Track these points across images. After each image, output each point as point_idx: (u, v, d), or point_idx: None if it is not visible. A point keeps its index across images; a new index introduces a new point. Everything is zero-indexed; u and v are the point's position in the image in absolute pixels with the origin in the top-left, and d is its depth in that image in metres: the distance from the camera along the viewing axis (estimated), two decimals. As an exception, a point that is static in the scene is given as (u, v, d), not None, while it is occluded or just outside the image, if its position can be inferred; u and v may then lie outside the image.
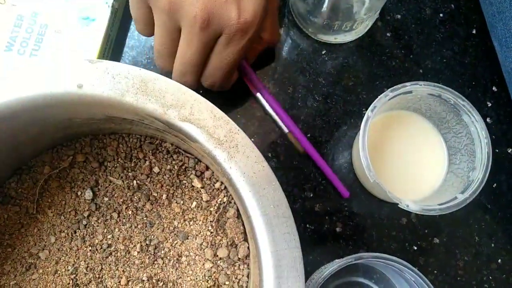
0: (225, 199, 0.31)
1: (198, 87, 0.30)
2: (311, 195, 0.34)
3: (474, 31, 0.39)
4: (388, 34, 0.38)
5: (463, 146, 0.32)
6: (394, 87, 0.30)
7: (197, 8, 0.25)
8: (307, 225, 0.34)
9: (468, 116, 0.31)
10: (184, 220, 0.30)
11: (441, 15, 0.39)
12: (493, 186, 0.36)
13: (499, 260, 0.34)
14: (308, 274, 0.31)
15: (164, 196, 0.30)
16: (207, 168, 0.31)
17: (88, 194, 0.29)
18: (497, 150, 0.36)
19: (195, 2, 0.25)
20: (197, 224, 0.30)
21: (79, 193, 0.29)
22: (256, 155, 0.22)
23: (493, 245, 0.34)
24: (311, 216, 0.34)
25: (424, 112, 0.34)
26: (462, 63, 0.38)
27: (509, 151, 0.36)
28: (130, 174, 0.30)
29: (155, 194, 0.30)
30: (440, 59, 0.38)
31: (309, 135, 0.36)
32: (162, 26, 0.27)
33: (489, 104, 0.37)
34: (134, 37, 0.36)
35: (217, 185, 0.31)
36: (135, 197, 0.30)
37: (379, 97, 0.30)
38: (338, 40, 0.37)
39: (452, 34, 0.39)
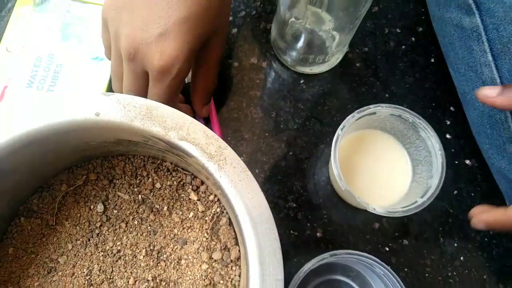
0: (218, 210, 0.35)
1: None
2: (294, 205, 0.39)
3: (432, 60, 0.45)
4: (358, 64, 0.44)
5: (423, 158, 0.37)
6: (360, 109, 0.36)
7: (125, 43, 0.31)
8: (291, 231, 0.38)
9: (424, 132, 0.36)
10: (183, 228, 0.35)
11: (403, 47, 0.45)
12: (454, 193, 0.40)
13: (462, 258, 0.38)
14: (292, 275, 0.35)
15: (165, 208, 0.35)
16: (202, 183, 0.36)
17: (100, 208, 0.34)
18: (456, 162, 0.42)
19: (127, 37, 0.31)
20: (194, 232, 0.35)
21: (91, 206, 0.34)
22: (241, 166, 0.27)
23: (455, 244, 0.39)
24: (294, 224, 0.39)
25: (389, 130, 0.39)
26: (423, 88, 0.44)
27: (467, 162, 0.42)
28: (135, 189, 0.35)
29: (157, 206, 0.35)
30: (403, 84, 0.44)
31: (291, 153, 0.41)
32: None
33: (448, 122, 0.43)
34: (138, 73, 0.42)
35: (211, 197, 0.36)
36: (140, 209, 0.35)
37: (347, 118, 0.35)
38: (314, 71, 0.43)
39: (414, 63, 0.44)
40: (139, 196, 0.35)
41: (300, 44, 0.40)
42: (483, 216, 0.33)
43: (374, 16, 0.45)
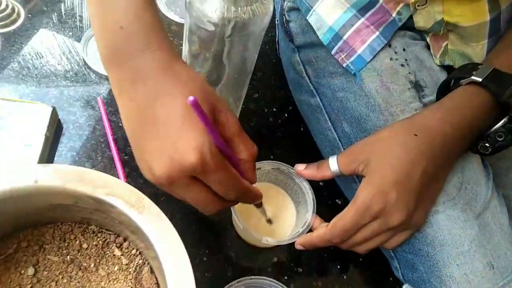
0: (140, 261, 0.42)
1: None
2: (207, 251, 0.47)
3: (302, 129, 0.59)
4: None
5: (301, 198, 0.49)
6: (248, 166, 0.47)
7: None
8: (206, 274, 0.45)
9: (297, 178, 0.48)
10: (109, 281, 0.40)
11: (279, 121, 0.59)
12: (330, 226, 0.52)
13: (344, 276, 0.49)
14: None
15: (92, 265, 0.40)
16: (125, 240, 0.42)
17: (30, 271, 0.38)
18: (329, 202, 0.54)
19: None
20: (119, 283, 0.40)
21: (22, 271, 0.38)
22: (157, 212, 0.35)
23: (338, 266, 0.49)
24: (207, 267, 0.46)
25: (274, 181, 0.51)
26: (296, 149, 0.57)
27: (337, 201, 0.54)
28: (64, 251, 0.40)
29: (85, 264, 0.40)
30: (282, 148, 0.57)
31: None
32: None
33: (319, 173, 0.56)
34: (62, 156, 0.49)
35: (134, 251, 0.42)
36: (69, 268, 0.39)
37: (239, 173, 0.46)
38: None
39: (288, 132, 0.58)
40: (68, 257, 0.40)
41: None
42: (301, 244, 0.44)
43: (256, 100, 0.59)
